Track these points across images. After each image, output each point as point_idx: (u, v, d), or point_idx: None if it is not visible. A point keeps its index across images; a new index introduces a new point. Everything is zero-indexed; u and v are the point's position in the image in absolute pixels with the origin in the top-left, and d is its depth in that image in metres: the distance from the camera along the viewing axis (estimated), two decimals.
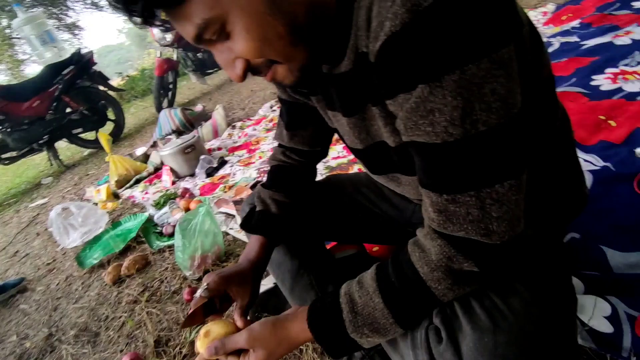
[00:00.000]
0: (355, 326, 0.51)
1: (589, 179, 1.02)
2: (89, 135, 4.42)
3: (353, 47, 0.48)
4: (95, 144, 4.40)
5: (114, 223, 1.99)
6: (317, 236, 0.92)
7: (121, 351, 1.15)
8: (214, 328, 0.61)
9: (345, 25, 0.47)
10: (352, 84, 0.52)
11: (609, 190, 0.97)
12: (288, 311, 0.61)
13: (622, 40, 1.68)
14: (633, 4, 2.06)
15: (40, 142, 3.91)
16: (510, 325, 0.44)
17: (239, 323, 0.64)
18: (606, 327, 0.69)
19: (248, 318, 0.67)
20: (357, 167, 1.61)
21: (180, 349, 1.05)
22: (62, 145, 4.61)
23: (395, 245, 1.03)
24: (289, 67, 0.49)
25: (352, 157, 1.70)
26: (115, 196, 2.52)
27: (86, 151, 4.62)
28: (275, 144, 0.88)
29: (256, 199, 0.84)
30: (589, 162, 1.10)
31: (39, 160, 5.12)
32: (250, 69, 0.49)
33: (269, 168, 0.88)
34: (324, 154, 0.88)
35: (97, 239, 1.90)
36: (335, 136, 0.79)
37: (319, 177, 0.92)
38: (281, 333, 0.57)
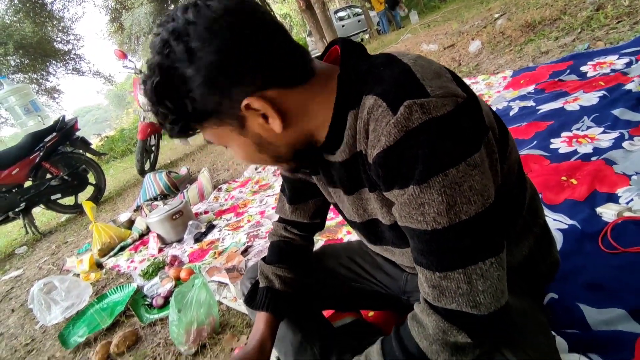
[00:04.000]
0: None
1: (559, 239, 1.12)
2: (68, 200, 4.35)
3: (349, 144, 0.58)
4: (73, 209, 4.33)
5: (99, 296, 1.93)
6: (315, 306, 0.96)
7: None
8: None
9: (340, 127, 0.57)
10: (350, 171, 0.62)
11: (578, 249, 1.07)
12: None
13: (572, 106, 1.90)
14: (582, 68, 2.34)
15: (17, 209, 3.82)
16: None
17: None
18: None
19: None
20: (345, 230, 1.68)
21: None
22: (37, 210, 4.48)
23: (390, 311, 1.07)
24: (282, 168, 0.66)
25: (339, 219, 1.77)
26: (99, 266, 2.46)
27: (63, 217, 4.50)
28: (276, 217, 0.95)
29: (259, 275, 0.89)
30: (557, 221, 1.21)
31: (12, 228, 4.91)
32: None
33: (269, 243, 0.94)
34: (322, 225, 0.95)
35: (81, 314, 1.83)
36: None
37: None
38: None
